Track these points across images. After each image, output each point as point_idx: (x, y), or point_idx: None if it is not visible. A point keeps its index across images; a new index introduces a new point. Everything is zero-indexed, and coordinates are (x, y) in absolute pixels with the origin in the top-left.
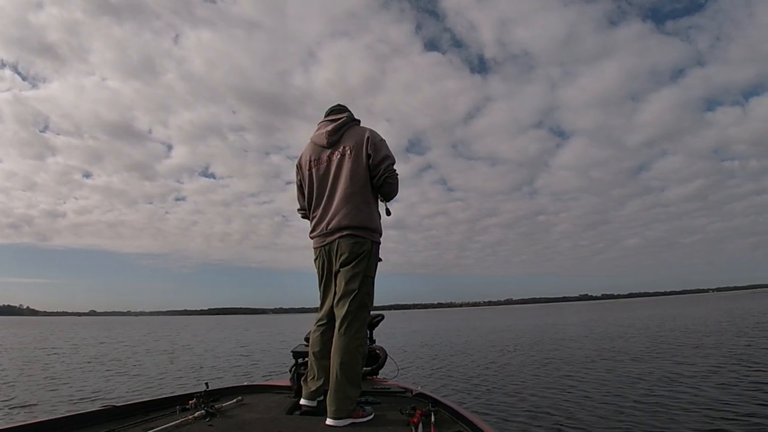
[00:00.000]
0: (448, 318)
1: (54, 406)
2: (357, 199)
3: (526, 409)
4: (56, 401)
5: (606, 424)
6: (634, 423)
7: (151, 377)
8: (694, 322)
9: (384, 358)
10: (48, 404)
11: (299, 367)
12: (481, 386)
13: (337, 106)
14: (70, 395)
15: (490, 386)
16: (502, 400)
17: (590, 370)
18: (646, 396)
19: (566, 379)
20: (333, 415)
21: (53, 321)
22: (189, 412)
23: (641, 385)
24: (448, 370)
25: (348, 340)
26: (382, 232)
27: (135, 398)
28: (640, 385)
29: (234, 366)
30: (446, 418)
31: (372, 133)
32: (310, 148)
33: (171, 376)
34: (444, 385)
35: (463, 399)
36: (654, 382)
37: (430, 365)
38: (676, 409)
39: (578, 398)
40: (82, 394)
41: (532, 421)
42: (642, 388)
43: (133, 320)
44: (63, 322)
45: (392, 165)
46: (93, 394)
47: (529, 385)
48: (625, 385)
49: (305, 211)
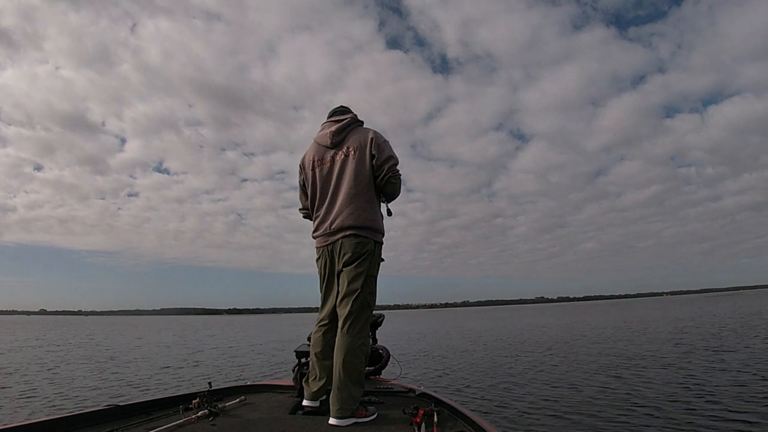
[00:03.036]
0: (408, 321)
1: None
2: (361, 199)
3: (526, 408)
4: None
5: (605, 423)
6: (634, 423)
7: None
8: (666, 324)
9: (387, 358)
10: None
11: (302, 366)
12: (473, 386)
13: (341, 108)
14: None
15: (483, 385)
16: (502, 399)
17: (584, 370)
18: (646, 395)
19: (566, 378)
20: (336, 414)
21: (2, 320)
22: (192, 411)
23: (641, 385)
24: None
25: (351, 340)
26: (384, 233)
27: (138, 398)
28: (639, 385)
29: (172, 376)
30: (449, 417)
31: (376, 134)
32: (313, 149)
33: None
34: (436, 382)
35: (463, 397)
36: (656, 383)
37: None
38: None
39: (577, 398)
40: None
41: (533, 421)
42: (644, 389)
43: (84, 320)
44: (12, 321)
45: (396, 165)
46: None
47: (528, 384)
48: (624, 385)
49: (307, 210)
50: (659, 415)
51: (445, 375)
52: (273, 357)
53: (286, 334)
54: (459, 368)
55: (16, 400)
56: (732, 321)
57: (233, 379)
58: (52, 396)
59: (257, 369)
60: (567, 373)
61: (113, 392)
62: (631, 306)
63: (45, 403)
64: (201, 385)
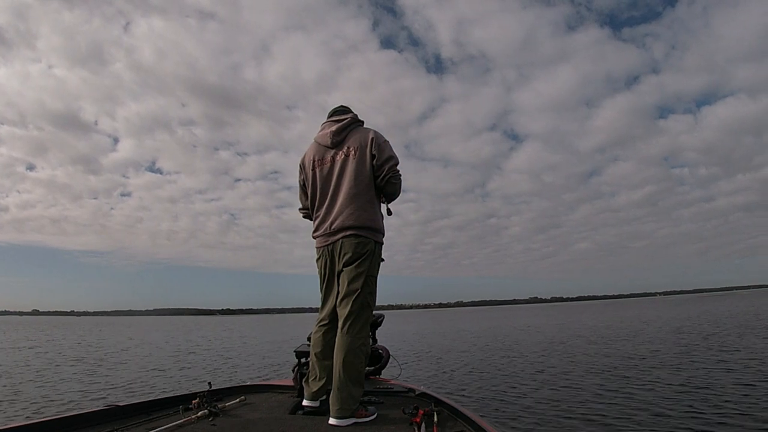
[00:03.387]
0: (402, 321)
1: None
2: (361, 199)
3: (527, 407)
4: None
5: (603, 422)
6: (632, 422)
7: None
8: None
9: (387, 358)
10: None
11: (302, 366)
12: (472, 385)
13: (341, 108)
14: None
15: (483, 385)
16: (501, 399)
17: (582, 370)
18: (643, 395)
19: (565, 378)
20: (336, 414)
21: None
22: (192, 411)
23: (637, 384)
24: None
25: (351, 340)
26: (384, 233)
27: (138, 398)
28: (635, 385)
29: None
30: (449, 417)
31: (376, 134)
32: (313, 148)
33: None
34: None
35: (463, 397)
36: (653, 383)
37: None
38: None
39: (576, 397)
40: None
41: (532, 421)
42: (640, 389)
43: (77, 320)
44: (5, 321)
45: (396, 165)
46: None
47: (528, 384)
48: (620, 384)
49: (307, 210)
50: (657, 412)
51: (442, 374)
52: (264, 359)
53: (279, 335)
54: (457, 368)
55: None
56: (728, 321)
57: (227, 381)
58: (38, 399)
59: (251, 371)
60: (566, 373)
61: (100, 396)
62: (626, 306)
63: (26, 407)
64: (195, 387)
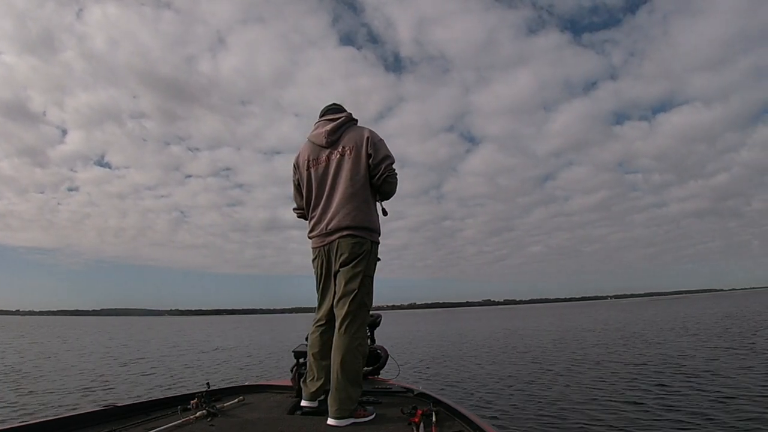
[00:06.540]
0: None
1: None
2: (357, 199)
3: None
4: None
5: (603, 422)
6: (630, 421)
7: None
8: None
9: (385, 358)
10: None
11: (300, 366)
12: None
13: (334, 106)
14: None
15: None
16: (500, 399)
17: (580, 370)
18: (649, 396)
19: (564, 378)
20: (335, 414)
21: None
22: (190, 412)
23: (638, 387)
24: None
25: (348, 340)
26: (380, 232)
27: (137, 398)
28: (637, 387)
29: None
30: (447, 417)
31: (371, 133)
32: (308, 148)
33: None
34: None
35: (460, 397)
36: (635, 381)
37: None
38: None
39: (575, 397)
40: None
41: (532, 420)
42: (645, 389)
43: (22, 320)
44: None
45: (392, 164)
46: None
47: (527, 383)
48: (622, 385)
49: (302, 210)
50: (654, 410)
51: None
52: (210, 367)
53: (228, 340)
54: (438, 367)
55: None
56: (677, 323)
57: (225, 381)
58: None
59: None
60: (566, 372)
61: (29, 409)
62: (578, 309)
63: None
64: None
